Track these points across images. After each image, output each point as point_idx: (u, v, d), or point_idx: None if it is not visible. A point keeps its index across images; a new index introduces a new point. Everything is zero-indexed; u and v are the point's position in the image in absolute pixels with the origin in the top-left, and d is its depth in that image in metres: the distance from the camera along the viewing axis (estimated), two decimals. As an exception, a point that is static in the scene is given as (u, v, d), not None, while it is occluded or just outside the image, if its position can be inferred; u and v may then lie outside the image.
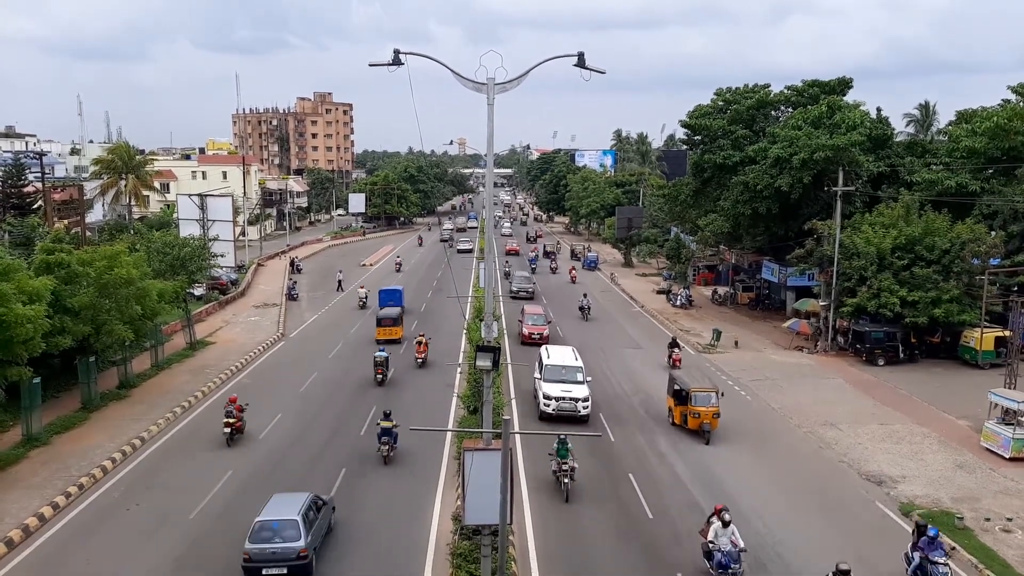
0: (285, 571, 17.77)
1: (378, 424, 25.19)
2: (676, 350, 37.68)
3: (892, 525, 21.50)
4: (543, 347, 34.93)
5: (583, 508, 22.29)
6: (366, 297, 53.52)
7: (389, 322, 42.27)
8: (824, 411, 31.40)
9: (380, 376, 34.26)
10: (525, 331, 43.07)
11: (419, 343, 37.89)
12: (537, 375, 31.91)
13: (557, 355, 32.82)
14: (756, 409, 32.15)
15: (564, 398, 29.44)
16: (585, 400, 29.56)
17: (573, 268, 70.83)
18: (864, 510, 22.44)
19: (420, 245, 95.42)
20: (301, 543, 17.93)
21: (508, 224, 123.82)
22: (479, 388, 22.74)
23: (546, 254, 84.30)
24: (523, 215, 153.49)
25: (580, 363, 32.09)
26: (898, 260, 38.51)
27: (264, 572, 17.76)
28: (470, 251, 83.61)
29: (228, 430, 26.58)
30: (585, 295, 52.33)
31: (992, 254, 38.19)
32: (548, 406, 29.51)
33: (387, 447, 24.89)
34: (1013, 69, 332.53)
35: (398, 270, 70.51)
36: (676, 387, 29.22)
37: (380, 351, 35.34)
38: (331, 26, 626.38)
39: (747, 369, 38.18)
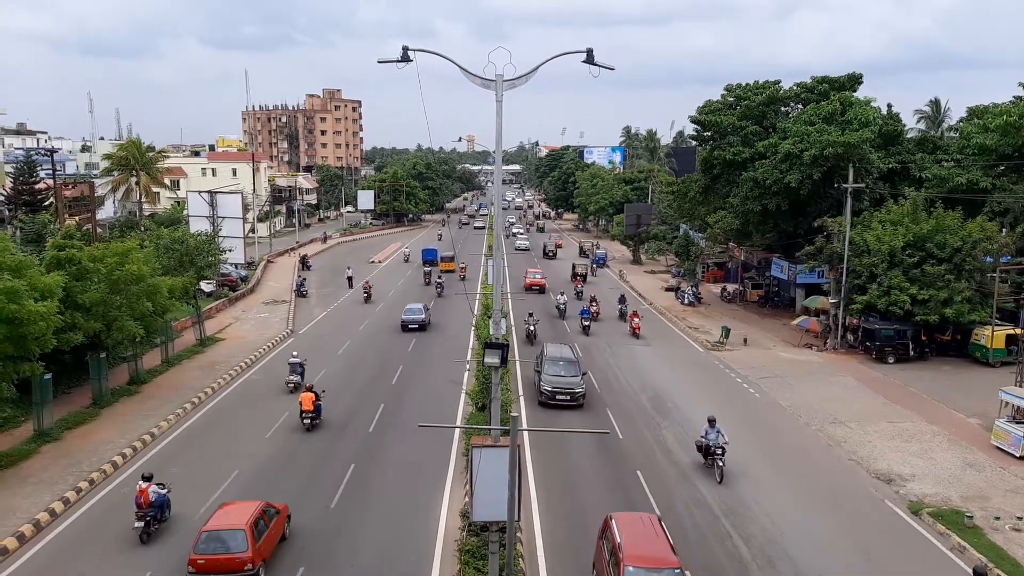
0: (417, 326, 44.15)
1: (436, 282, 58.62)
2: None
3: (901, 523, 21.42)
4: None
5: (591, 504, 22.29)
6: (409, 253, 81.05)
7: (448, 259, 68.84)
8: (833, 409, 31.30)
9: (428, 280, 62.77)
10: None
11: (462, 268, 65.95)
12: None
13: None
14: (765, 406, 32.07)
15: None
16: None
17: (636, 315, 46.27)
18: (873, 508, 22.35)
19: (444, 225, 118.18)
20: (423, 317, 44.86)
21: (523, 232, 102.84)
22: (487, 385, 22.76)
23: (574, 276, 63.68)
24: (538, 220, 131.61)
25: None
26: (909, 258, 38.31)
27: (409, 326, 44.20)
28: (483, 227, 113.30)
29: (365, 294, 55.18)
30: (713, 424, 24.33)
31: (1003, 252, 37.96)
32: None
33: (440, 290, 57.06)
34: (1021, 65, 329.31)
35: (439, 240, 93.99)
36: None
37: (426, 268, 66.06)
38: (337, 22, 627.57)
39: (756, 367, 38.07)
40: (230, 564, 17.01)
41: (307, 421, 27.34)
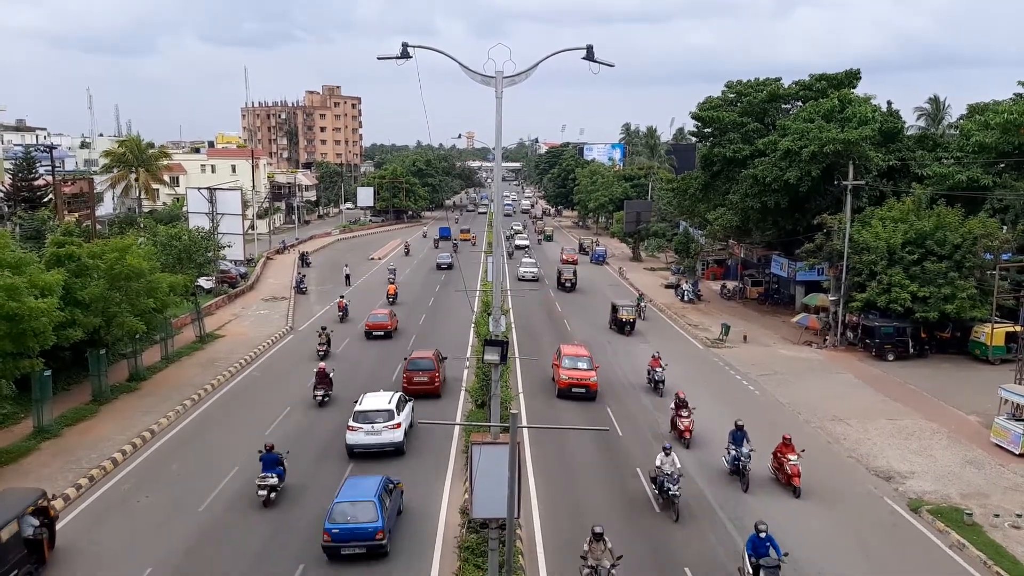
0: (447, 265, 69.24)
1: (453, 243, 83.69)
2: None
3: (901, 521, 21.44)
4: None
5: (591, 501, 22.31)
6: (427, 231, 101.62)
7: (467, 231, 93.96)
8: (833, 406, 31.31)
9: (436, 245, 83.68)
10: None
11: (472, 237, 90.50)
12: None
13: None
14: (764, 404, 32.06)
15: None
16: None
17: (790, 447, 23.33)
18: (873, 506, 22.37)
19: (453, 213, 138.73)
20: (451, 260, 68.98)
21: (530, 255, 75.07)
22: (487, 382, 22.74)
23: (616, 324, 44.58)
24: (544, 224, 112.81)
25: None
26: (908, 255, 38.30)
27: (441, 266, 69.95)
28: (484, 213, 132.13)
29: (406, 251, 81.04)
30: None
31: (1004, 249, 37.93)
32: None
33: (455, 249, 74.02)
34: (1020, 63, 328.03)
35: (456, 222, 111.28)
36: None
37: (436, 239, 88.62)
38: (337, 19, 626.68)
39: (756, 364, 38.07)
40: (383, 327, 42.25)
41: (391, 300, 52.11)
